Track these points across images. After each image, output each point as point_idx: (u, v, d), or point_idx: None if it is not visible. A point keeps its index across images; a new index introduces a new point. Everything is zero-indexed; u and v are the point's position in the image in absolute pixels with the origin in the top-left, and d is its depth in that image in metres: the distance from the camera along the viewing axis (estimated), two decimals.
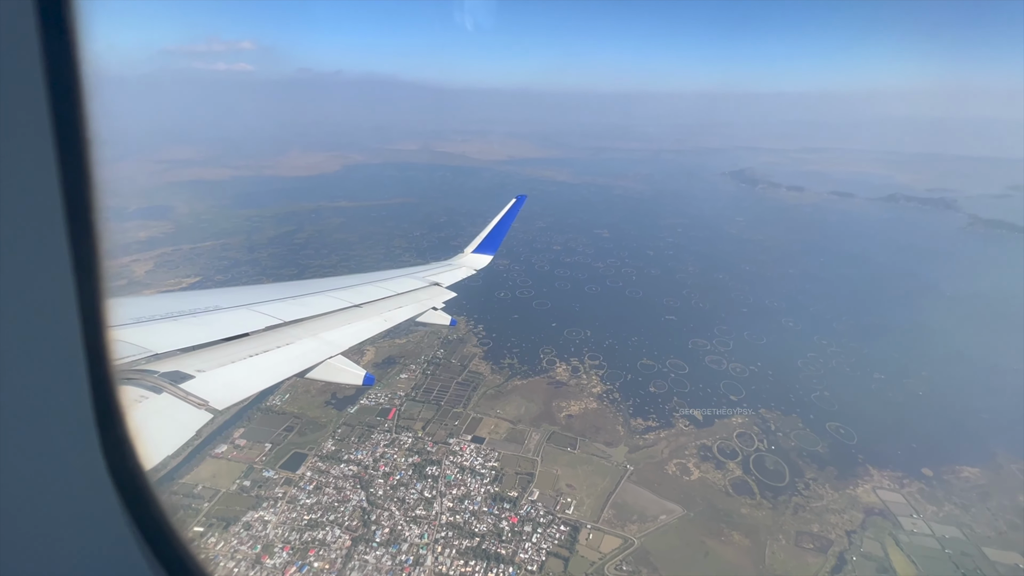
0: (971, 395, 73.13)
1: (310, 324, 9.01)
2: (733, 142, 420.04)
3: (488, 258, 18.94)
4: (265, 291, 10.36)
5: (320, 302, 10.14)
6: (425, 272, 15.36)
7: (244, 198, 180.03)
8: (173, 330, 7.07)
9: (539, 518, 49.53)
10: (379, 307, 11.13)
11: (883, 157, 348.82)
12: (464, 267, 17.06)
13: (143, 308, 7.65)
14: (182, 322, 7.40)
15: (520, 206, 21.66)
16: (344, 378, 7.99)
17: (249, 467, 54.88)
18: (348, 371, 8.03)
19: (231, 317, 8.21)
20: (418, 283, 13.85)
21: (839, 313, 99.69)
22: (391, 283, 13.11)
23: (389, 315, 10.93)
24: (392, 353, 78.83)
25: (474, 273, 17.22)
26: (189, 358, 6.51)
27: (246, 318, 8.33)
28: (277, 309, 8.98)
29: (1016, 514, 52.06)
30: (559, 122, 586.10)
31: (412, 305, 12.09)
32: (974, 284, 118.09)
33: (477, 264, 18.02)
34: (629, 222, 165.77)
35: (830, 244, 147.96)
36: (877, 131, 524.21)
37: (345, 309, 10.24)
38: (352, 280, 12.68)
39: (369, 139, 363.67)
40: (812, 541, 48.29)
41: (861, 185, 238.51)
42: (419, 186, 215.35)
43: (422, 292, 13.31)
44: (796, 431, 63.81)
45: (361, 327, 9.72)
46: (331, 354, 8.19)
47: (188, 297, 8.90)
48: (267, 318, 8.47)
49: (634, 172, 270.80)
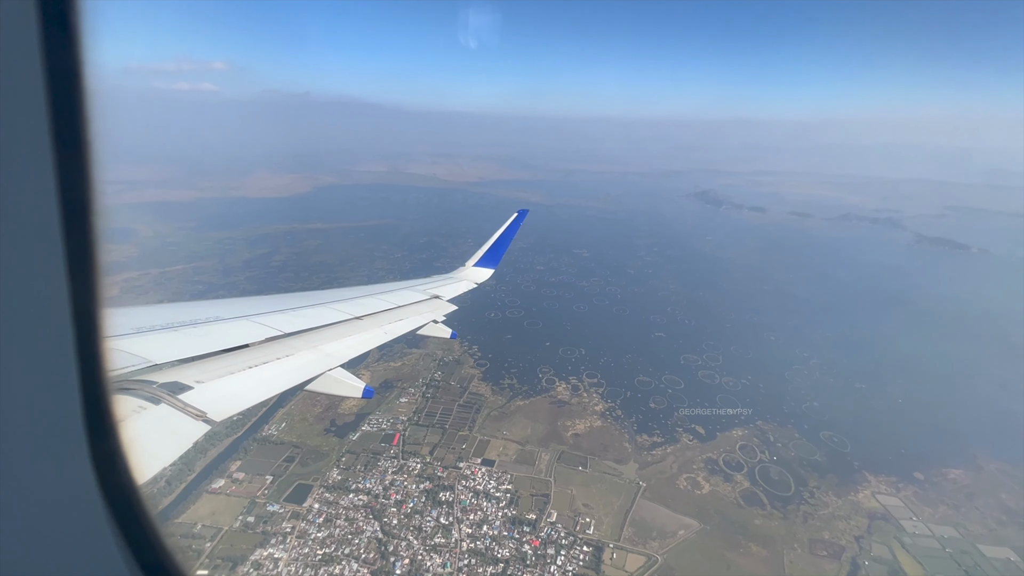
0: (944, 401, 77.95)
1: (310, 336, 8.99)
2: (693, 165, 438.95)
3: (489, 271, 18.72)
4: (265, 302, 10.26)
5: (320, 314, 10.10)
6: (426, 285, 15.32)
7: (211, 220, 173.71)
8: (172, 340, 7.02)
9: (561, 540, 48.94)
10: (380, 319, 11.08)
11: (831, 180, 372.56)
12: (465, 280, 16.96)
13: (142, 318, 7.58)
14: (181, 332, 7.36)
15: (522, 220, 21.51)
16: (343, 390, 7.94)
17: (251, 502, 51.94)
18: (347, 383, 7.99)
19: (231, 328, 8.16)
20: (419, 296, 13.82)
21: (815, 327, 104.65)
22: (392, 295, 13.06)
23: (390, 328, 10.88)
24: (388, 376, 77.10)
25: (475, 287, 17.08)
26: (188, 369, 6.49)
27: (246, 329, 8.27)
28: (277, 320, 8.94)
29: (1002, 511, 55.36)
30: (526, 145, 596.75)
31: (413, 318, 12.06)
32: (929, 297, 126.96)
33: (478, 278, 17.82)
34: (606, 242, 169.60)
35: (796, 261, 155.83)
36: (822, 156, 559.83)
37: (346, 321, 10.20)
38: (353, 292, 12.63)
39: (338, 160, 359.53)
40: (825, 548, 49.71)
41: (816, 206, 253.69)
42: (394, 207, 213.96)
43: (423, 305, 13.26)
44: (794, 441, 66.02)
45: (361, 339, 9.70)
46: (331, 366, 8.16)
47: (188, 308, 8.76)
48: (267, 329, 8.42)
49: (604, 193, 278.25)
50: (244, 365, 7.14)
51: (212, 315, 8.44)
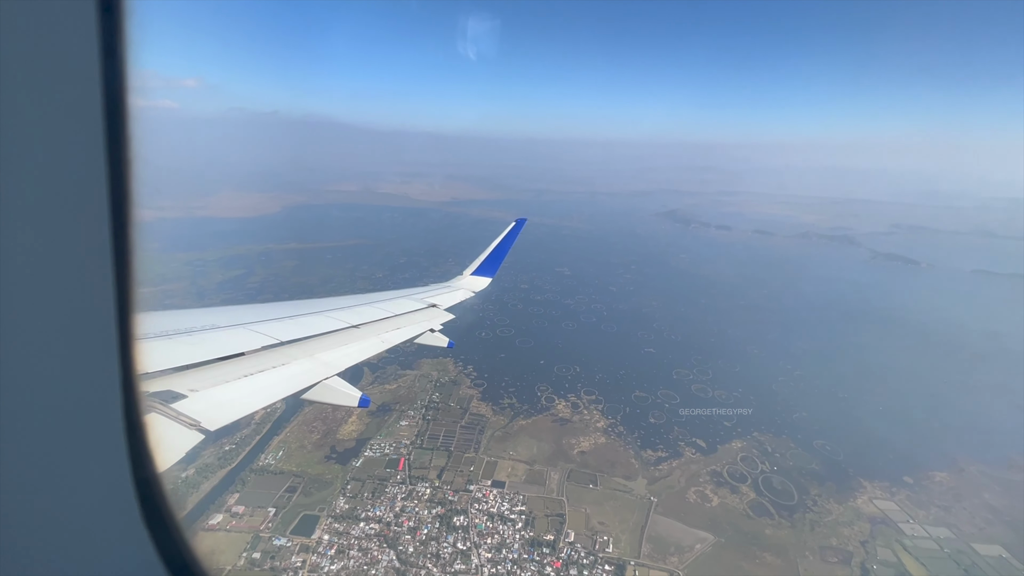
0: (919, 407, 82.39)
1: (307, 344, 8.95)
2: (658, 186, 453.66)
3: (487, 280, 18.58)
4: (261, 310, 10.20)
5: (317, 322, 10.10)
6: (423, 294, 15.36)
7: (177, 241, 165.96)
8: (166, 348, 6.95)
9: (582, 560, 48.46)
10: (377, 328, 11.06)
11: (786, 200, 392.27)
12: (463, 289, 16.95)
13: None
14: (176, 340, 7.29)
15: (520, 229, 21.50)
16: (340, 399, 7.89)
17: (255, 536, 49.16)
18: (344, 392, 7.94)
19: (226, 336, 8.10)
20: (416, 304, 13.79)
21: (792, 340, 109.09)
22: (389, 304, 13.01)
23: (387, 336, 10.84)
24: (385, 399, 75.17)
25: (473, 295, 17.06)
26: (182, 377, 6.42)
27: (241, 337, 8.21)
28: (273, 328, 8.90)
29: (987, 511, 58.57)
30: (494, 165, 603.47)
31: (410, 326, 12.02)
32: (891, 309, 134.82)
33: (476, 286, 17.73)
34: (585, 260, 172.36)
35: (766, 277, 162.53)
36: (774, 177, 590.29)
37: (342, 330, 10.20)
38: (350, 301, 12.59)
39: (307, 180, 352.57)
40: (835, 555, 51.16)
41: (776, 224, 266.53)
42: (369, 227, 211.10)
43: (420, 314, 13.25)
44: (790, 451, 68.09)
45: (359, 348, 9.69)
46: (327, 375, 8.09)
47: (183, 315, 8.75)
48: (263, 337, 8.39)
49: (577, 213, 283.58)
50: (239, 374, 7.09)
51: (207, 323, 8.33)
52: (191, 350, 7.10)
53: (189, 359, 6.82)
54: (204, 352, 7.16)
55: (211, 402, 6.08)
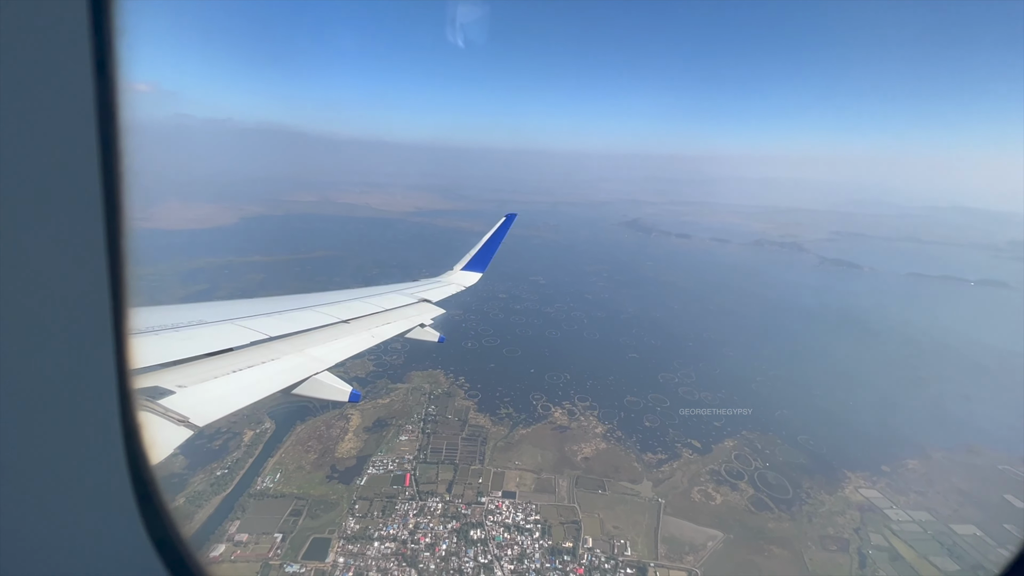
0: (883, 400, 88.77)
1: (296, 339, 8.87)
2: (615, 196, 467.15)
3: (477, 276, 18.65)
4: (249, 306, 10.15)
5: (306, 317, 9.98)
6: (414, 288, 15.25)
7: None
8: (153, 344, 6.81)
9: (603, 565, 48.94)
10: (367, 323, 10.95)
11: (735, 210, 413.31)
12: (454, 284, 16.81)
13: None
14: (163, 336, 7.18)
15: (510, 225, 21.70)
16: (330, 394, 7.83)
17: (264, 564, 46.62)
18: (334, 387, 7.89)
19: (214, 331, 7.98)
20: (407, 299, 13.63)
21: (763, 341, 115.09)
22: (379, 299, 12.89)
23: (377, 331, 10.72)
24: (380, 415, 73.24)
25: (463, 290, 16.94)
26: (169, 373, 6.34)
27: (230, 332, 8.13)
28: (262, 324, 8.80)
29: (957, 494, 63.78)
30: (453, 175, 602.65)
31: (400, 321, 11.91)
32: (843, 310, 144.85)
33: (466, 281, 17.72)
34: (558, 269, 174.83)
35: (730, 283, 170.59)
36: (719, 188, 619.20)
37: (332, 325, 10.12)
38: (339, 296, 12.56)
39: (262, 189, 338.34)
40: (834, 543, 54.16)
41: (731, 232, 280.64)
42: (335, 239, 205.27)
43: (410, 308, 13.08)
44: (778, 447, 71.59)
45: (348, 343, 9.62)
46: (317, 370, 8.05)
47: (170, 311, 8.52)
48: (252, 333, 8.29)
49: (542, 223, 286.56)
50: (228, 369, 7.02)
51: (194, 318, 8.23)
52: (178, 345, 7.00)
53: (176, 355, 6.73)
54: (192, 348, 7.05)
55: (200, 398, 5.99)
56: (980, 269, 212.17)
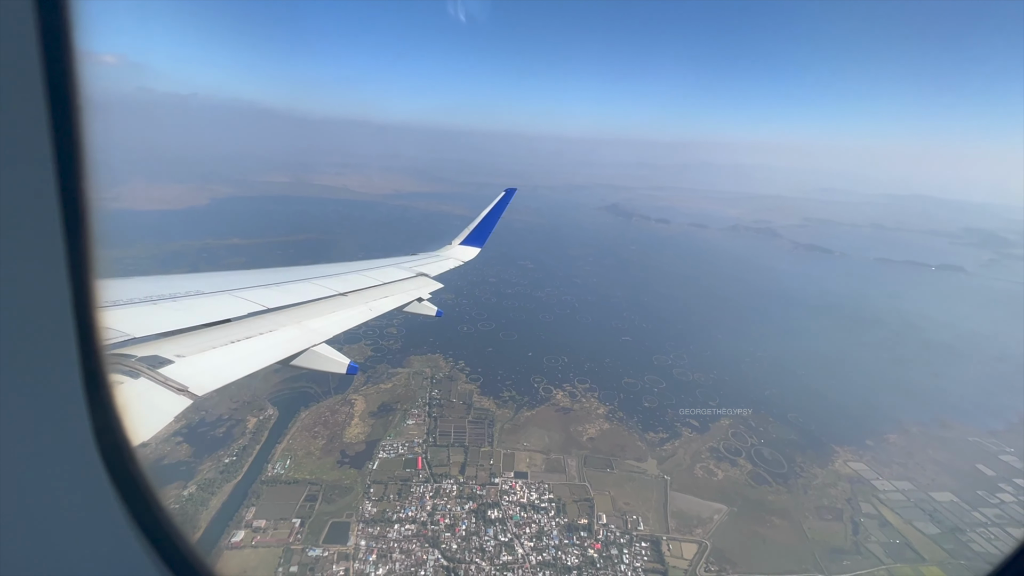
0: (861, 378, 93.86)
1: (294, 311, 8.90)
2: (593, 181, 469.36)
3: (475, 250, 18.73)
4: (248, 277, 10.12)
5: (304, 289, 10.03)
6: (411, 262, 15.27)
7: None
8: (152, 314, 6.83)
9: (618, 540, 50.78)
10: (365, 296, 10.98)
11: (709, 195, 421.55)
12: (452, 259, 16.84)
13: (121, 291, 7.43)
14: (162, 306, 7.17)
15: (509, 200, 21.84)
16: (328, 366, 7.89)
17: (286, 549, 46.56)
18: (332, 359, 7.95)
19: (213, 302, 8.02)
20: (405, 273, 13.68)
21: (747, 324, 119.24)
22: (377, 272, 12.89)
23: (375, 304, 10.76)
24: (384, 399, 73.12)
25: (461, 264, 17.04)
26: (168, 343, 6.39)
27: (228, 303, 8.17)
28: (260, 295, 8.84)
29: (934, 464, 68.46)
30: (428, 158, 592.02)
31: (399, 295, 11.94)
32: (820, 293, 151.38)
33: (464, 256, 17.77)
34: (544, 253, 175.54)
35: (710, 267, 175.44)
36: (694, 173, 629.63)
37: (330, 297, 10.19)
38: (337, 268, 12.47)
39: (232, 169, 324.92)
40: (829, 513, 57.62)
41: (708, 218, 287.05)
42: (315, 221, 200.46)
43: (409, 282, 13.09)
44: (771, 424, 75.00)
45: (346, 315, 9.67)
46: (315, 342, 8.10)
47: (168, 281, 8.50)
48: (250, 304, 8.31)
49: (524, 207, 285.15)
50: (226, 340, 7.05)
51: (193, 289, 8.26)
52: (177, 316, 7.02)
53: (175, 325, 6.77)
54: (190, 318, 7.07)
55: (198, 368, 6.01)
56: (939, 255, 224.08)
